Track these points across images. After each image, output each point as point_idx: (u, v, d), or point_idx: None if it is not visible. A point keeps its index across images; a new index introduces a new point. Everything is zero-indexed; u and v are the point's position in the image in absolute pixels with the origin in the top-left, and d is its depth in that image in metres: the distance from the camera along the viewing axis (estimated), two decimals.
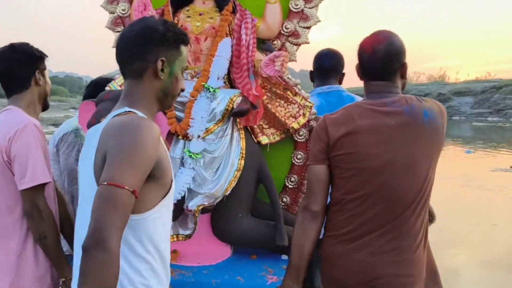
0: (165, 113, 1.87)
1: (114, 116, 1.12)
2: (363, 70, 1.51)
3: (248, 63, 1.92)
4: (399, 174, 1.38)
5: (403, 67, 1.48)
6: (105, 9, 2.24)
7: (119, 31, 2.19)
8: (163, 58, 1.16)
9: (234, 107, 1.86)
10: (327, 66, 2.32)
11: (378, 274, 1.40)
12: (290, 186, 2.15)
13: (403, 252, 1.41)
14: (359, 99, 2.13)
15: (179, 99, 1.68)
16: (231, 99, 1.88)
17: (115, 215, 0.97)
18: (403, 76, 1.50)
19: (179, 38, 1.20)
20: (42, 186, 1.53)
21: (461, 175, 9.39)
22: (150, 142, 1.06)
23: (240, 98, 1.88)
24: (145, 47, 1.15)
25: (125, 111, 1.12)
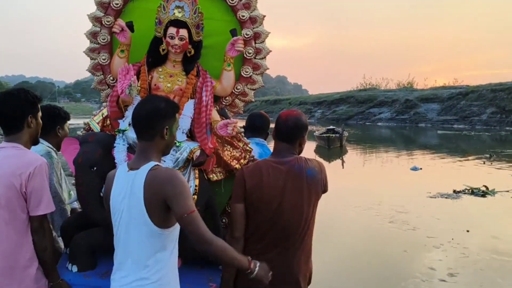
0: None
1: (150, 169, 1.80)
2: (276, 132, 2.32)
3: (206, 121, 2.69)
4: (286, 212, 2.20)
5: (302, 138, 2.31)
6: (87, 55, 2.90)
7: (98, 75, 2.91)
8: (167, 126, 1.88)
9: (194, 158, 2.61)
10: (259, 125, 3.25)
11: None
12: (229, 210, 2.95)
13: (292, 264, 2.23)
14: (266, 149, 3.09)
15: None
16: (192, 151, 2.62)
17: (202, 225, 1.77)
18: (301, 144, 2.32)
19: (176, 110, 1.95)
20: (46, 214, 2.18)
21: (391, 202, 8.95)
22: (185, 179, 1.86)
23: (199, 151, 2.64)
24: (155, 121, 1.86)
25: (155, 165, 1.82)
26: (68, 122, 3.01)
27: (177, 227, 1.88)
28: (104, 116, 2.85)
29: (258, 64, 2.95)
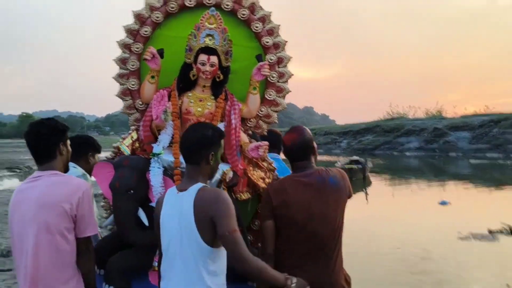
0: (173, 181, 2.75)
1: (199, 190, 1.99)
2: (287, 156, 2.56)
3: (236, 143, 2.91)
4: (318, 224, 2.36)
5: (312, 149, 2.52)
6: (116, 81, 3.14)
7: (126, 100, 3.15)
8: (213, 153, 2.09)
9: (227, 179, 2.83)
10: (271, 142, 3.38)
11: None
12: (254, 228, 3.19)
13: (329, 274, 2.38)
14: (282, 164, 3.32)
15: (184, 170, 2.66)
16: (224, 173, 2.83)
17: (243, 245, 1.93)
18: (314, 153, 2.53)
19: (221, 137, 2.17)
20: (91, 236, 2.31)
21: (415, 245, 7.80)
22: (231, 200, 2.01)
23: (231, 172, 2.86)
24: (202, 148, 2.07)
25: (203, 186, 2.02)
26: (98, 154, 3.25)
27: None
28: (133, 139, 3.06)
29: (281, 87, 3.19)
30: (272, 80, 3.14)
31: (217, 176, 2.77)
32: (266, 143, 2.92)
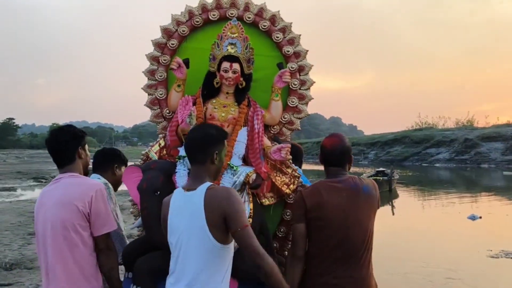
0: None
1: (207, 188, 2.05)
2: (325, 160, 2.61)
3: (259, 147, 3.03)
4: (351, 229, 2.41)
5: (350, 158, 2.60)
6: (144, 91, 3.35)
7: (155, 109, 3.34)
8: (217, 151, 2.16)
9: (250, 181, 2.93)
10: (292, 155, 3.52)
11: None
12: (279, 235, 3.27)
13: (360, 281, 2.43)
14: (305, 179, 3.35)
15: None
16: (248, 175, 2.95)
17: (255, 240, 2.01)
18: (350, 162, 2.60)
19: (225, 137, 2.26)
20: (110, 233, 2.46)
21: (442, 264, 7.36)
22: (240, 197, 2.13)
23: (255, 174, 2.97)
24: (206, 147, 2.15)
25: (211, 185, 2.08)
26: (124, 167, 3.36)
27: (232, 245, 2.11)
28: (161, 146, 3.23)
29: (303, 95, 3.32)
30: (294, 87, 3.28)
31: (241, 178, 2.90)
32: (288, 145, 3.02)
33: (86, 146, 2.59)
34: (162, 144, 3.22)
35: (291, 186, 3.12)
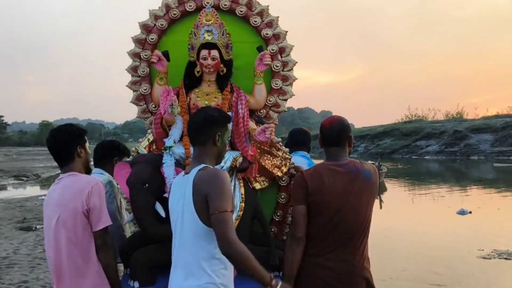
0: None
1: (199, 170, 2.04)
2: (324, 139, 2.61)
3: (244, 131, 3.08)
4: (349, 213, 2.40)
5: (349, 138, 2.60)
6: (129, 88, 3.40)
7: (141, 105, 3.38)
8: (219, 133, 2.17)
9: (237, 165, 2.99)
10: (300, 140, 3.67)
11: (335, 273, 2.40)
12: (276, 219, 3.32)
13: (354, 265, 2.45)
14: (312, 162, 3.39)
15: None
16: (235, 159, 3.01)
17: (230, 227, 1.92)
18: (350, 145, 2.61)
19: (227, 119, 2.27)
20: (107, 228, 2.47)
21: (428, 266, 6.81)
22: (229, 181, 2.07)
23: (241, 158, 3.02)
24: (208, 127, 2.16)
25: (204, 167, 2.06)
26: (126, 158, 3.39)
27: None
28: (150, 141, 3.27)
29: (286, 76, 3.39)
30: (276, 69, 3.34)
31: (228, 163, 2.95)
32: (272, 125, 3.07)
33: (87, 144, 2.63)
34: (151, 139, 3.26)
35: (283, 168, 3.17)
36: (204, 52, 3.08)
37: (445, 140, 36.94)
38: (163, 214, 2.80)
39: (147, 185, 2.81)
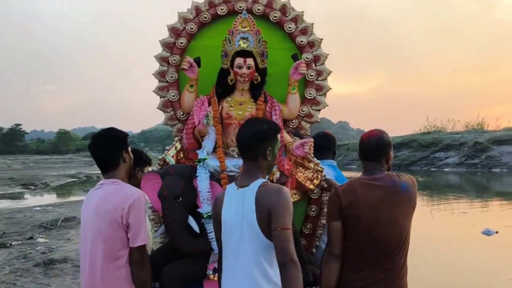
0: (221, 185, 2.88)
1: (260, 185, 2.07)
2: (361, 153, 2.59)
3: (280, 143, 2.93)
4: (385, 227, 2.40)
5: (388, 155, 2.56)
6: (156, 94, 3.35)
7: (168, 112, 3.33)
8: (270, 148, 2.17)
9: (274, 180, 2.91)
10: (323, 145, 3.51)
11: None
12: (306, 232, 3.26)
13: (392, 280, 2.41)
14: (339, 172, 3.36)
15: (230, 173, 2.85)
16: (272, 173, 2.92)
17: (292, 244, 1.98)
18: (387, 162, 2.57)
19: (277, 131, 2.23)
20: (145, 245, 2.43)
21: None
22: (291, 197, 2.09)
23: (278, 172, 2.95)
24: (259, 143, 2.15)
25: (264, 181, 2.11)
26: (150, 167, 3.33)
27: None
28: (177, 149, 3.23)
29: (320, 86, 3.34)
30: (310, 78, 3.29)
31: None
32: (311, 139, 3.03)
33: (129, 149, 2.61)
34: (179, 147, 3.22)
35: (315, 181, 3.12)
36: (239, 60, 3.03)
37: (465, 151, 36.50)
38: (197, 229, 2.79)
39: (180, 198, 2.78)
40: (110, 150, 2.48)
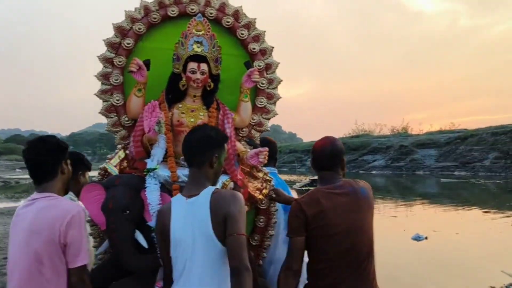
0: (171, 195, 2.73)
1: (213, 192, 2.04)
2: (315, 164, 2.59)
3: (232, 152, 2.95)
4: (356, 237, 2.37)
5: (342, 162, 2.58)
6: (98, 97, 3.16)
7: (111, 117, 3.16)
8: (216, 155, 2.15)
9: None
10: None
11: None
12: (253, 243, 3.24)
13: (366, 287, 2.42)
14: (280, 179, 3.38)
15: (182, 184, 2.72)
16: (225, 184, 2.87)
17: (245, 251, 1.95)
18: (343, 168, 2.59)
19: (225, 140, 2.24)
20: (86, 265, 2.21)
21: None
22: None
23: (232, 183, 2.89)
24: (205, 148, 2.13)
25: (216, 189, 2.07)
26: (88, 172, 3.15)
27: None
28: (121, 158, 3.05)
29: (271, 94, 3.36)
30: (261, 86, 3.30)
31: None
32: (266, 148, 2.99)
33: (69, 161, 2.41)
34: (122, 156, 3.05)
35: (264, 191, 3.11)
36: (192, 65, 2.95)
37: (391, 155, 38.30)
38: (144, 244, 2.62)
39: (127, 211, 2.60)
40: (47, 159, 2.28)
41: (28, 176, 2.39)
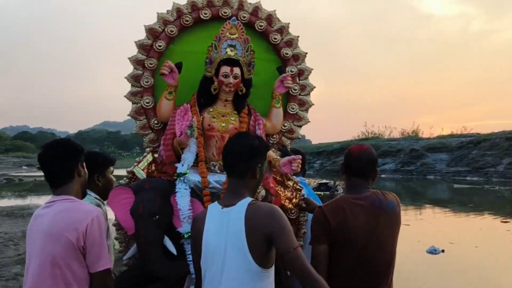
0: (202, 202, 2.74)
1: (249, 204, 1.96)
2: (348, 168, 2.55)
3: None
4: (375, 250, 2.40)
5: (375, 172, 2.57)
6: (128, 100, 3.17)
7: (140, 120, 3.16)
8: (260, 165, 2.09)
9: (259, 198, 2.80)
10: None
11: None
12: None
13: None
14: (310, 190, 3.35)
15: (212, 190, 2.73)
16: (257, 192, 2.78)
17: (307, 262, 1.89)
18: (374, 178, 2.57)
19: (267, 148, 2.20)
20: (110, 269, 2.17)
21: None
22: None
23: (264, 190, 2.86)
24: (250, 160, 2.05)
25: (253, 200, 2.00)
26: (112, 168, 3.05)
27: (273, 269, 2.00)
28: (149, 161, 3.05)
29: (303, 101, 3.35)
30: (294, 93, 3.28)
31: None
32: (299, 156, 2.96)
33: (84, 163, 2.38)
34: (150, 159, 3.05)
35: (294, 200, 3.07)
36: (225, 69, 2.93)
37: (402, 158, 37.95)
38: (173, 250, 2.62)
39: (157, 217, 2.59)
40: (65, 161, 2.26)
41: (32, 174, 2.36)
